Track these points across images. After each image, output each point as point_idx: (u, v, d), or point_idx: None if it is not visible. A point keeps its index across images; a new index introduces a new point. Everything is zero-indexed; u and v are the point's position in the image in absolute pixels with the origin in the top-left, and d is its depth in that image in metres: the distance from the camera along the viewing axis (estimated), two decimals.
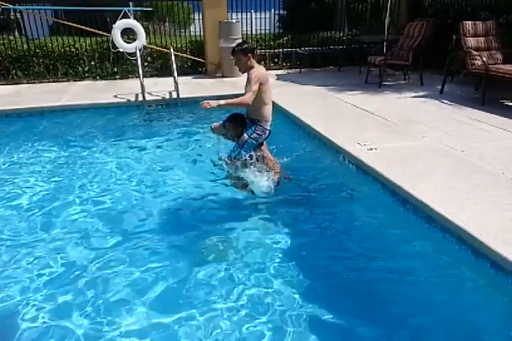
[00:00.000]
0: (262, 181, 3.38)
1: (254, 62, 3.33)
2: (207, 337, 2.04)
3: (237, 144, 3.49)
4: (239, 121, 3.47)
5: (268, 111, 3.41)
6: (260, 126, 3.40)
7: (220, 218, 3.14)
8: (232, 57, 3.38)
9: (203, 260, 2.63)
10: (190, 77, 7.62)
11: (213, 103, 3.14)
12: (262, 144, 3.56)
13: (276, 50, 8.53)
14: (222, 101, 3.18)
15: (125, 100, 6.00)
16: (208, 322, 2.13)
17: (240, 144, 3.45)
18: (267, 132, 3.46)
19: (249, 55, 3.28)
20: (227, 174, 3.65)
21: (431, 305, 2.23)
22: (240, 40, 7.37)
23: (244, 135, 3.42)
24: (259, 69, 3.29)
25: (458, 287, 2.35)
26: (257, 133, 3.41)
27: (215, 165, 3.87)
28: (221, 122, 3.58)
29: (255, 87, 3.18)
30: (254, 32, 8.61)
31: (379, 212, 3.13)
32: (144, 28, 7.14)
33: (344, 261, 2.65)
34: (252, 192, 3.40)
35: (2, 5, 6.87)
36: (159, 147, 4.61)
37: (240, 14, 8.35)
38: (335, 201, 3.33)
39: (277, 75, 7.73)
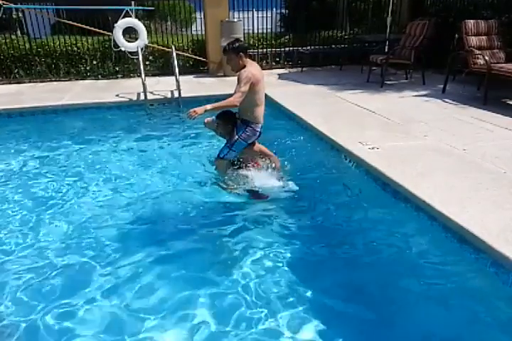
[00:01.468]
0: (266, 180, 3.37)
1: (246, 61, 3.24)
2: (209, 334, 2.06)
3: (226, 143, 3.45)
4: (228, 119, 3.42)
5: (260, 112, 3.35)
6: (251, 127, 3.34)
7: (213, 219, 3.10)
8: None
9: (199, 259, 2.64)
10: (191, 76, 7.62)
11: (200, 110, 3.06)
12: (253, 144, 3.51)
13: (277, 49, 8.52)
14: (208, 106, 3.10)
15: (127, 99, 6.01)
16: (207, 319, 2.14)
17: (229, 143, 3.42)
18: (257, 133, 3.41)
19: (241, 54, 3.18)
20: (217, 175, 3.61)
21: (432, 303, 2.23)
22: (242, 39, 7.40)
23: (234, 135, 3.37)
24: (250, 69, 3.17)
25: (459, 286, 2.35)
26: (247, 135, 3.36)
27: (204, 166, 3.84)
28: (214, 117, 3.54)
29: (244, 88, 3.09)
30: (255, 31, 8.60)
31: (380, 210, 3.13)
32: (145, 27, 7.15)
33: (344, 258, 2.65)
34: (250, 193, 3.37)
35: (4, 4, 6.88)
36: (160, 147, 4.60)
37: (241, 13, 8.35)
38: (335, 200, 3.33)
39: (279, 74, 7.73)
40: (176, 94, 6.00)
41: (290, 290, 2.33)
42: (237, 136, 3.37)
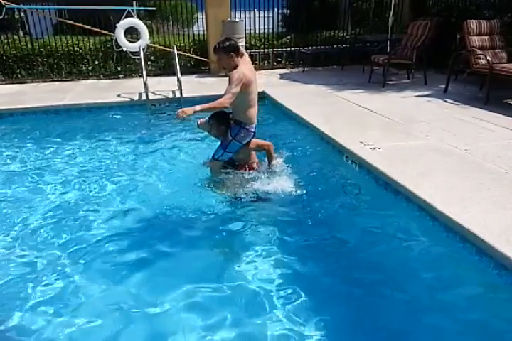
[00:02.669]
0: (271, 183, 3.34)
1: (238, 60, 3.11)
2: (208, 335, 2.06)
3: (220, 144, 3.41)
4: (221, 120, 3.37)
5: (253, 113, 3.29)
6: (245, 128, 3.29)
7: (207, 222, 3.06)
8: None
9: (195, 261, 2.65)
10: (193, 76, 7.63)
11: (188, 110, 2.96)
12: (248, 143, 3.44)
13: (279, 49, 8.52)
14: (198, 107, 2.97)
15: (128, 99, 6.02)
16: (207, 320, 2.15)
17: (223, 145, 3.37)
18: (252, 134, 3.36)
19: (232, 53, 3.06)
20: (211, 177, 3.55)
21: (434, 305, 2.23)
22: (243, 40, 7.40)
23: (228, 136, 3.32)
24: (243, 70, 3.06)
25: (459, 286, 2.35)
26: (241, 136, 3.31)
27: (201, 168, 3.77)
28: (207, 118, 3.47)
29: (235, 89, 2.98)
30: (257, 31, 8.61)
31: (381, 210, 3.12)
32: (147, 27, 7.15)
33: (343, 257, 2.65)
34: (246, 196, 3.29)
35: (6, 4, 6.90)
36: (159, 148, 4.57)
37: (243, 13, 8.35)
38: (335, 200, 3.31)
39: (280, 74, 7.73)
40: (178, 94, 6.02)
41: (287, 289, 2.34)
42: (230, 137, 3.31)
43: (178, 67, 6.17)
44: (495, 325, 2.08)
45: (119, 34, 6.89)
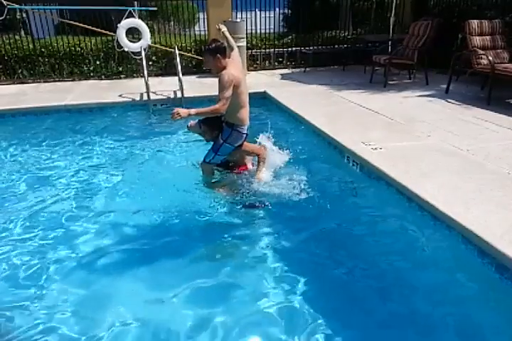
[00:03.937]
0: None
1: (226, 62, 3.08)
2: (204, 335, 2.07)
3: (211, 148, 3.35)
4: (214, 124, 3.31)
5: (245, 114, 3.24)
6: (236, 130, 3.23)
7: (205, 222, 3.05)
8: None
9: (192, 262, 2.65)
10: (194, 76, 7.63)
11: (183, 113, 2.93)
12: (241, 145, 3.38)
13: (280, 50, 8.52)
14: (193, 111, 2.97)
15: (130, 99, 6.02)
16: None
17: (214, 148, 3.30)
18: (244, 136, 3.30)
19: (218, 55, 3.02)
20: (203, 180, 3.49)
21: (434, 307, 2.22)
22: (244, 40, 7.39)
23: (220, 139, 3.26)
24: (232, 71, 3.02)
25: (462, 286, 2.35)
26: (233, 138, 3.25)
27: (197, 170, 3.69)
28: (197, 121, 3.40)
29: (228, 93, 2.95)
30: (258, 31, 8.61)
31: (383, 211, 3.12)
32: (148, 27, 7.15)
33: (346, 260, 2.63)
34: (238, 200, 3.24)
35: (8, 4, 6.90)
36: (161, 149, 4.56)
37: (244, 13, 8.35)
38: (335, 201, 3.29)
39: (282, 74, 7.73)
40: (179, 94, 6.01)
41: (286, 290, 2.34)
42: (222, 140, 3.25)
43: (179, 67, 6.17)
44: (494, 325, 2.08)
45: (121, 34, 6.88)
